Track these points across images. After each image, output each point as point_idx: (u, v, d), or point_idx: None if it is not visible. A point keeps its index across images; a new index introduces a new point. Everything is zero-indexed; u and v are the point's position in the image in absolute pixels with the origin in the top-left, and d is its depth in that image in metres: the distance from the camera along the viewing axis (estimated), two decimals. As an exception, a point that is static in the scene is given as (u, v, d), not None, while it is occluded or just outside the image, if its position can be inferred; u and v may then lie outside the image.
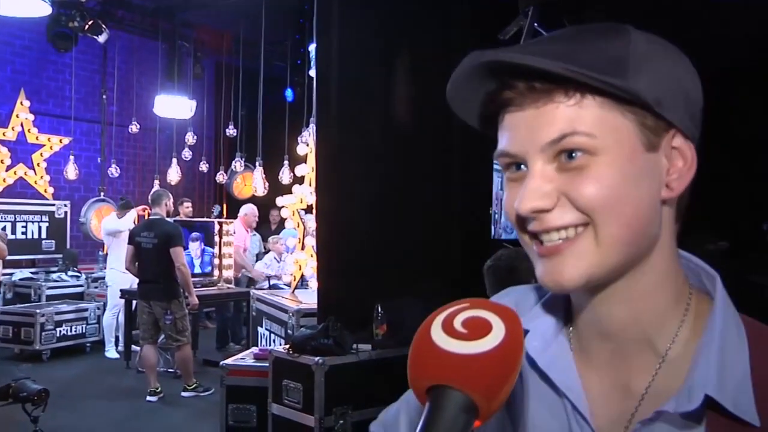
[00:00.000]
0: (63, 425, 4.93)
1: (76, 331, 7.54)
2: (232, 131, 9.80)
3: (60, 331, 7.34)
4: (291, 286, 6.56)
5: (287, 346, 3.82)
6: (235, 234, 8.11)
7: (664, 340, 0.64)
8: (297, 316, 5.26)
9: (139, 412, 5.48)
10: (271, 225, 9.94)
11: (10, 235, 8.15)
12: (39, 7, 6.41)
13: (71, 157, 9.11)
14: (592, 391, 0.66)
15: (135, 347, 6.63)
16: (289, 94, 10.27)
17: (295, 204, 6.51)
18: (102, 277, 8.25)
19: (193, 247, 7.45)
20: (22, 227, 8.80)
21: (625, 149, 0.59)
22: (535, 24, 2.67)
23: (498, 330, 0.55)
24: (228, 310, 7.99)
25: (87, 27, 8.32)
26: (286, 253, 7.85)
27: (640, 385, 0.64)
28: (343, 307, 3.99)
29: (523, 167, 0.62)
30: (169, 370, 6.49)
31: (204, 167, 10.64)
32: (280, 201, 6.79)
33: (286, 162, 8.67)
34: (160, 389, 5.77)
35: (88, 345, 7.67)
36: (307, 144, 6.79)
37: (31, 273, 8.55)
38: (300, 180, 6.79)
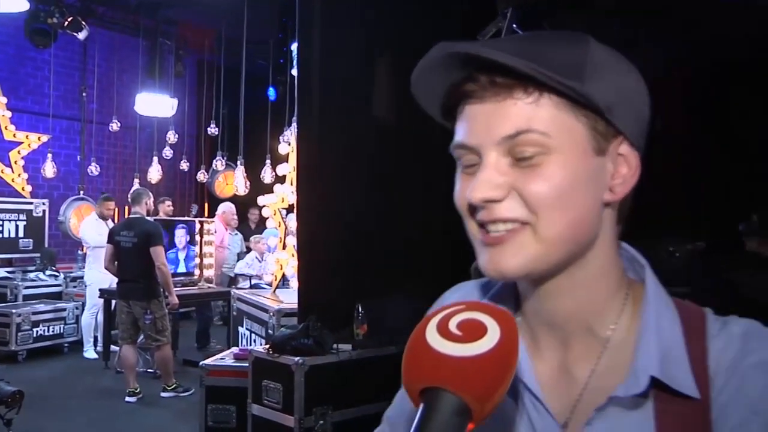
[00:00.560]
0: (39, 427, 4.86)
1: (53, 331, 7.44)
2: (213, 130, 9.75)
3: (37, 331, 7.23)
4: (272, 286, 6.53)
5: (267, 346, 3.80)
6: (215, 233, 8.06)
7: (605, 327, 0.68)
8: (278, 316, 5.25)
9: (117, 413, 5.42)
10: (251, 224, 9.90)
11: (-14, 234, 8.04)
12: (15, 3, 6.32)
13: (49, 155, 9.00)
14: (542, 376, 0.70)
15: (114, 347, 6.56)
16: (271, 93, 10.23)
17: (276, 203, 6.49)
18: (81, 277, 8.16)
19: (179, 235, 7.37)
20: (-1, 226, 8.68)
21: (576, 150, 0.62)
22: (514, 25, 2.68)
23: (493, 332, 0.55)
24: (209, 310, 7.94)
25: (66, 24, 8.23)
26: (267, 253, 7.82)
27: (585, 369, 0.68)
28: (323, 306, 3.97)
29: (477, 162, 0.64)
30: (149, 371, 6.43)
31: (185, 166, 10.57)
32: (261, 200, 6.77)
33: (268, 161, 8.64)
34: (139, 390, 5.71)
35: (66, 345, 7.58)
36: (289, 143, 6.77)
37: (8, 272, 8.43)
38: (282, 179, 6.77)
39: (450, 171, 0.69)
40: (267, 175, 8.56)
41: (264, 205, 6.70)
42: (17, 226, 8.87)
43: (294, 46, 6.67)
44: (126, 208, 7.99)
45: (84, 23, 8.39)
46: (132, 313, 5.68)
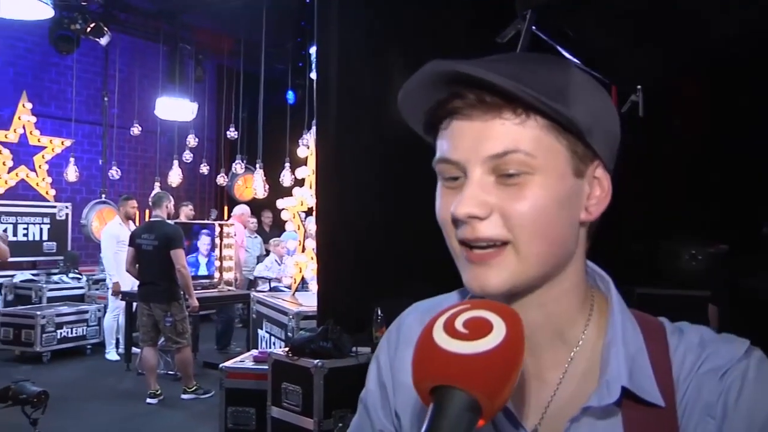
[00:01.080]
0: (62, 427, 4.93)
1: (76, 333, 7.55)
2: (233, 133, 9.81)
3: (60, 333, 7.35)
4: (291, 289, 6.56)
5: (286, 349, 3.81)
6: (236, 235, 8.12)
7: (574, 337, 0.71)
8: (297, 319, 5.26)
9: (138, 415, 5.47)
10: (265, 227, 9.95)
11: (11, 237, 8.17)
12: (41, 10, 6.43)
13: (72, 159, 9.13)
14: None
15: (135, 349, 6.63)
16: (290, 96, 10.29)
17: (295, 206, 6.52)
18: (103, 279, 8.25)
19: (203, 242, 7.44)
20: (24, 229, 8.81)
21: (558, 171, 0.65)
22: (533, 27, 2.67)
23: (499, 329, 0.55)
24: (231, 312, 7.99)
25: (89, 29, 8.35)
26: (287, 256, 7.86)
27: (555, 376, 0.71)
28: (342, 309, 3.98)
29: (460, 178, 0.66)
30: (169, 373, 6.49)
31: (205, 169, 10.66)
32: (280, 203, 6.80)
33: (287, 164, 8.68)
34: (160, 391, 5.77)
35: (89, 347, 7.67)
36: (307, 146, 6.80)
37: (32, 275, 8.55)
38: (301, 182, 6.80)
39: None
40: (286, 178, 8.61)
41: (283, 208, 6.73)
42: (41, 230, 9.01)
43: (312, 50, 6.69)
44: (147, 211, 8.08)
45: (106, 29, 8.50)
46: (153, 316, 5.73)
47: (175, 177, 9.69)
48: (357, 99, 4.20)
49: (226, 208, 11.14)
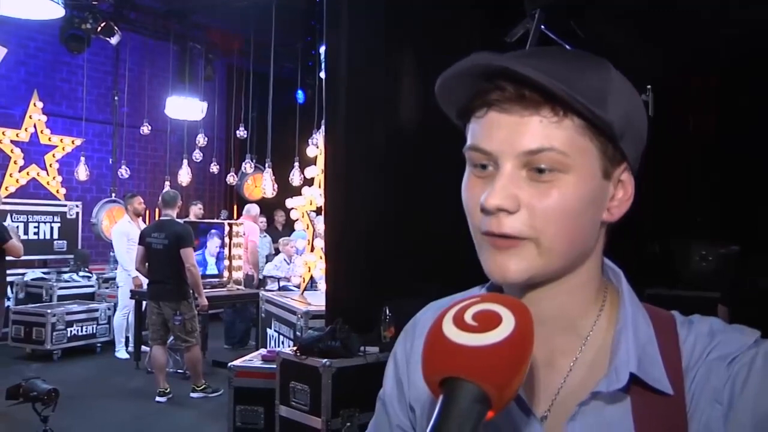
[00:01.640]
0: (72, 425, 4.96)
1: (86, 331, 7.60)
2: (242, 133, 9.84)
3: (71, 331, 7.40)
4: (300, 288, 6.57)
5: (295, 348, 3.82)
6: (246, 234, 8.12)
7: (586, 327, 0.73)
8: (305, 318, 5.27)
9: (147, 413, 5.50)
10: (277, 225, 9.97)
11: (22, 236, 8.22)
12: (52, 10, 6.46)
13: (82, 158, 9.18)
14: None
15: (145, 348, 6.66)
16: (300, 95, 10.30)
17: (304, 206, 6.53)
18: (113, 278, 8.31)
19: (213, 244, 7.48)
20: (35, 228, 8.87)
21: (587, 172, 0.66)
22: (542, 27, 2.66)
23: (507, 321, 0.56)
24: (249, 311, 8.02)
25: (99, 29, 8.40)
26: (296, 255, 7.87)
27: (565, 364, 0.73)
28: (351, 309, 3.98)
29: (490, 167, 0.67)
30: (178, 371, 6.52)
31: (214, 169, 10.69)
32: (289, 203, 6.81)
33: (297, 164, 8.70)
34: (169, 390, 5.79)
35: (99, 345, 7.72)
36: (317, 146, 6.81)
37: (43, 273, 8.62)
38: (310, 182, 6.80)
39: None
40: (295, 178, 8.62)
41: (292, 208, 6.74)
42: (52, 228, 9.07)
43: (322, 49, 6.70)
44: (156, 210, 8.11)
45: (116, 28, 8.54)
46: (162, 314, 5.76)
47: (184, 176, 9.72)
48: (366, 98, 4.20)
49: (236, 208, 11.18)
